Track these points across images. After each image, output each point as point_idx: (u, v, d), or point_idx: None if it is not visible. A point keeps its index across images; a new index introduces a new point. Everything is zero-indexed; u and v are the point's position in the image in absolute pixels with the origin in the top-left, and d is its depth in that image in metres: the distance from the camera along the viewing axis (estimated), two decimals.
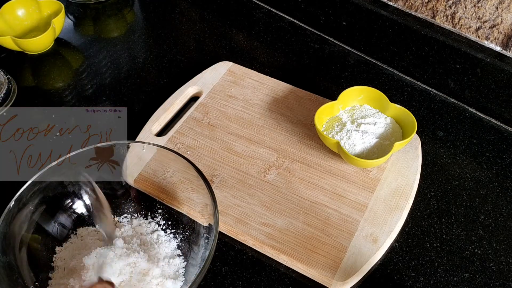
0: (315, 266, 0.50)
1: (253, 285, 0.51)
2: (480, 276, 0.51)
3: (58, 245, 0.52)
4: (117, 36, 0.83)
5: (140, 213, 0.56)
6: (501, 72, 0.63)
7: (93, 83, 0.73)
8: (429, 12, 0.68)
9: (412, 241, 0.54)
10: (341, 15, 0.76)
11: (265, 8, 0.85)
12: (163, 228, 0.54)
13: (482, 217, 0.56)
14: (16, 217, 0.48)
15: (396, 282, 0.51)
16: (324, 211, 0.55)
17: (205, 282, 0.51)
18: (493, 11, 0.62)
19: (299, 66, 0.75)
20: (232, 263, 0.53)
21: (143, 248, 0.51)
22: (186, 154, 0.60)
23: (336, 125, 0.59)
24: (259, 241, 0.52)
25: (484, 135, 0.65)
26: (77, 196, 0.54)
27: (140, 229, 0.54)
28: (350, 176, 0.58)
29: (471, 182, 0.59)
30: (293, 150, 0.61)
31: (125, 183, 0.57)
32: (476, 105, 0.68)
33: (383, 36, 0.73)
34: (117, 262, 0.48)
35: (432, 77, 0.70)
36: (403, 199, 0.55)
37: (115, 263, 0.48)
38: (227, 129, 0.63)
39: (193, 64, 0.75)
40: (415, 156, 0.60)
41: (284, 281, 0.51)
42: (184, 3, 0.88)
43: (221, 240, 0.54)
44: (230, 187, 0.57)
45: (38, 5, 0.79)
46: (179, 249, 0.52)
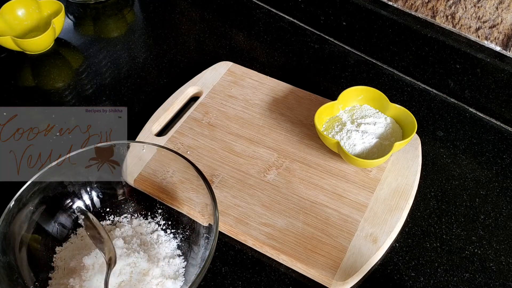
0: (315, 266, 0.50)
1: (253, 285, 0.51)
2: (480, 276, 0.51)
3: (58, 245, 0.52)
4: (117, 36, 0.83)
5: (140, 213, 0.56)
6: (501, 72, 0.63)
7: (93, 83, 0.73)
8: (429, 12, 0.68)
9: (412, 241, 0.54)
10: (341, 15, 0.76)
11: (265, 8, 0.85)
12: (163, 228, 0.54)
13: (482, 217, 0.56)
14: (16, 217, 0.49)
15: (396, 282, 0.51)
16: (324, 211, 0.55)
17: (205, 282, 0.51)
18: (493, 11, 0.62)
19: (299, 66, 0.75)
20: (232, 263, 0.53)
21: (143, 248, 0.51)
22: (186, 154, 0.60)
23: (336, 125, 0.59)
24: (259, 241, 0.52)
25: (484, 135, 0.65)
26: (77, 196, 0.54)
27: (140, 229, 0.54)
28: (350, 176, 0.58)
29: (471, 182, 0.59)
30: (293, 150, 0.61)
31: (125, 183, 0.57)
32: (476, 105, 0.68)
33: (383, 36, 0.73)
34: (117, 262, 0.48)
35: (432, 77, 0.70)
36: (403, 199, 0.55)
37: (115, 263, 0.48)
38: (227, 129, 0.63)
39: (193, 64, 0.75)
40: (415, 156, 0.60)
41: (284, 281, 0.51)
42: (184, 3, 0.88)
43: (221, 240, 0.54)
44: (230, 187, 0.57)
45: (38, 5, 0.79)
46: (179, 249, 0.52)
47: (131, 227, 0.54)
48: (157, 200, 0.56)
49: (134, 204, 0.56)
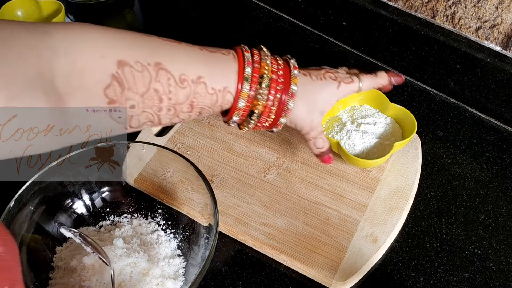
0: (315, 266, 0.50)
1: (253, 285, 0.51)
2: (480, 276, 0.51)
3: (58, 245, 0.52)
4: None
5: (140, 213, 0.56)
6: (501, 72, 0.63)
7: None
8: (429, 12, 0.68)
9: (412, 241, 0.54)
10: (341, 15, 0.76)
11: (265, 8, 0.85)
12: (163, 228, 0.54)
13: (482, 217, 0.56)
14: (16, 217, 0.49)
15: (396, 282, 0.51)
16: (324, 211, 0.55)
17: (205, 282, 0.51)
18: (493, 11, 0.62)
19: (299, 66, 0.75)
20: (232, 263, 0.53)
21: (143, 248, 0.51)
22: (186, 154, 0.60)
23: (336, 125, 0.59)
24: (259, 241, 0.52)
25: (484, 135, 0.65)
26: (77, 196, 0.54)
27: (140, 229, 0.54)
28: (350, 176, 0.58)
29: (471, 182, 0.59)
30: (293, 150, 0.61)
31: (125, 183, 0.57)
32: (476, 105, 0.68)
33: (383, 36, 0.73)
34: (117, 262, 0.48)
35: (432, 77, 0.70)
36: (403, 199, 0.55)
37: (115, 263, 0.48)
38: (227, 129, 0.63)
39: None
40: (415, 156, 0.60)
41: (284, 281, 0.51)
42: (184, 3, 0.88)
43: (221, 240, 0.54)
44: (230, 187, 0.57)
45: (38, 5, 0.79)
46: (179, 249, 0.52)
47: (131, 227, 0.54)
48: (157, 200, 0.56)
49: (134, 204, 0.56)
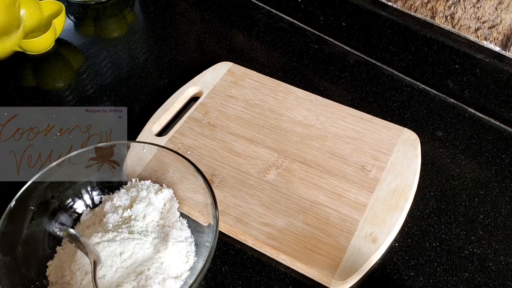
0: (314, 265, 0.50)
1: (253, 285, 0.51)
2: (480, 276, 0.51)
3: (58, 245, 0.52)
4: (118, 37, 0.83)
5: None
6: (500, 72, 0.63)
7: (94, 84, 0.73)
8: (429, 13, 0.69)
9: (411, 241, 0.54)
10: (341, 16, 0.76)
11: (265, 9, 0.85)
12: None
13: (482, 217, 0.56)
14: (16, 217, 0.49)
15: (395, 282, 0.51)
16: (324, 211, 0.55)
17: (205, 282, 0.51)
18: (493, 12, 0.62)
19: (299, 66, 0.75)
20: (232, 263, 0.53)
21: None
22: (186, 154, 0.60)
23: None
24: (259, 240, 0.52)
25: (483, 135, 0.65)
26: (77, 196, 0.54)
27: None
28: (350, 176, 0.58)
29: (471, 182, 0.59)
30: (293, 150, 0.61)
31: (125, 183, 0.57)
32: (475, 105, 0.68)
33: (382, 37, 0.73)
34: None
35: (431, 77, 0.71)
36: (402, 199, 0.56)
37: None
38: (227, 129, 0.63)
39: (193, 65, 0.75)
40: (415, 156, 0.60)
41: (284, 280, 0.51)
42: (184, 4, 0.88)
43: (221, 240, 0.54)
44: (230, 187, 0.57)
45: (38, 6, 0.79)
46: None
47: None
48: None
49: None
